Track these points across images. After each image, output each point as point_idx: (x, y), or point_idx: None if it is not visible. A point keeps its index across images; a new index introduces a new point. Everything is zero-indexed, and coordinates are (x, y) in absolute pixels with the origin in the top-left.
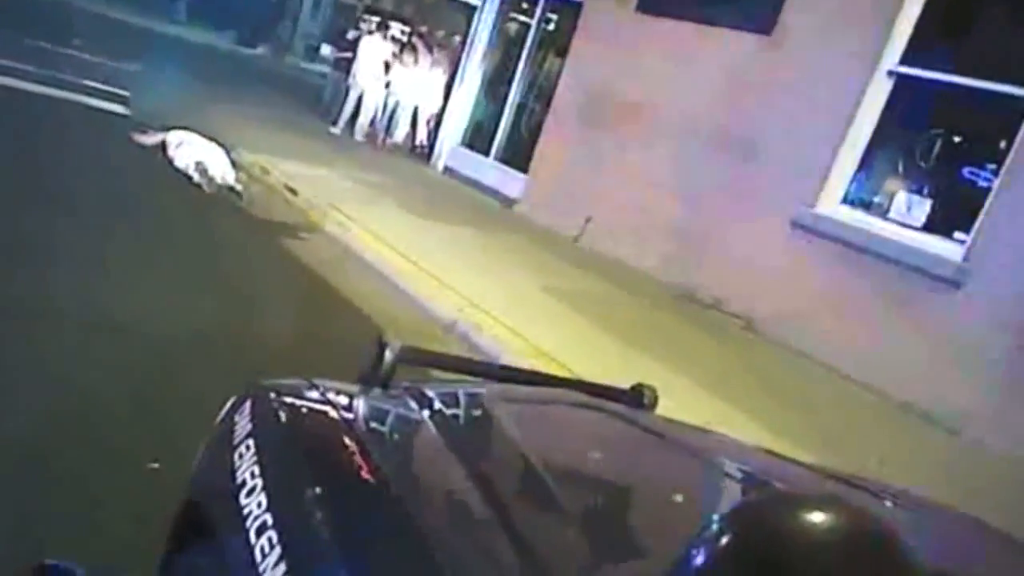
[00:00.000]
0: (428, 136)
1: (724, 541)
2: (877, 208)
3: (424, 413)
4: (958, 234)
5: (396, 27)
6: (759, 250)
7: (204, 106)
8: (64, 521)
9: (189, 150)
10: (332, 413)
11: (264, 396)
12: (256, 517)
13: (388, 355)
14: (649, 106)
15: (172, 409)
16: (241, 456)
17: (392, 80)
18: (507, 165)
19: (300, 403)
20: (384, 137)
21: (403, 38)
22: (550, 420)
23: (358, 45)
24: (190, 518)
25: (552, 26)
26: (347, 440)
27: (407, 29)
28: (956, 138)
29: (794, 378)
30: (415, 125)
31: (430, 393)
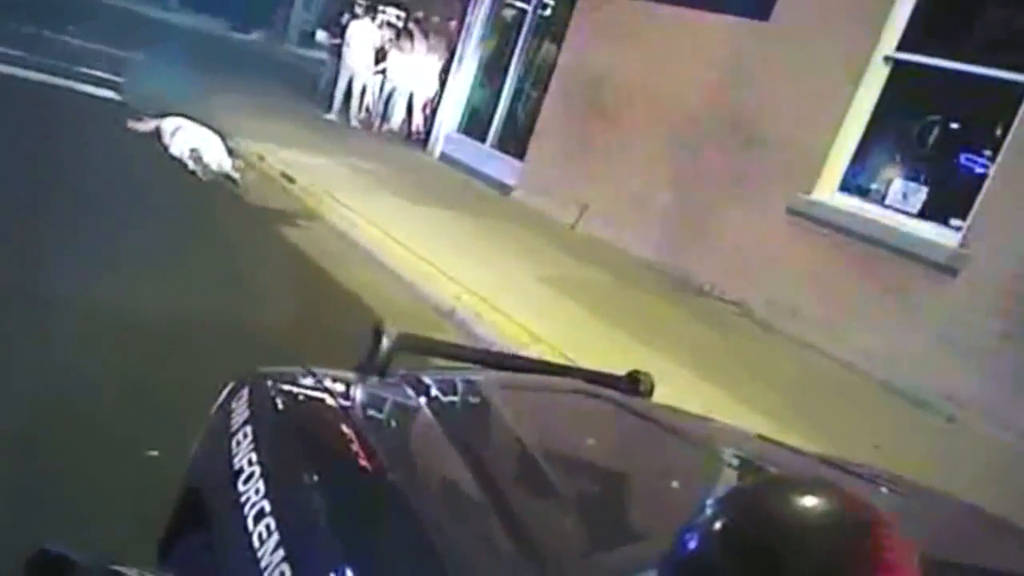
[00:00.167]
0: (424, 123)
1: (717, 525)
2: (874, 195)
3: (421, 400)
4: (954, 220)
5: (391, 12)
6: (756, 237)
7: (198, 92)
8: (62, 509)
9: (184, 137)
10: (329, 400)
11: (261, 383)
12: (254, 504)
13: (385, 342)
14: (646, 92)
15: (169, 397)
16: (239, 443)
17: (388, 66)
18: (503, 152)
19: (297, 390)
20: (380, 124)
21: (399, 24)
22: (547, 407)
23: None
24: (188, 505)
25: (548, 11)
26: (344, 427)
27: (403, 15)
28: (953, 124)
29: (789, 365)
30: (411, 111)
31: (427, 380)
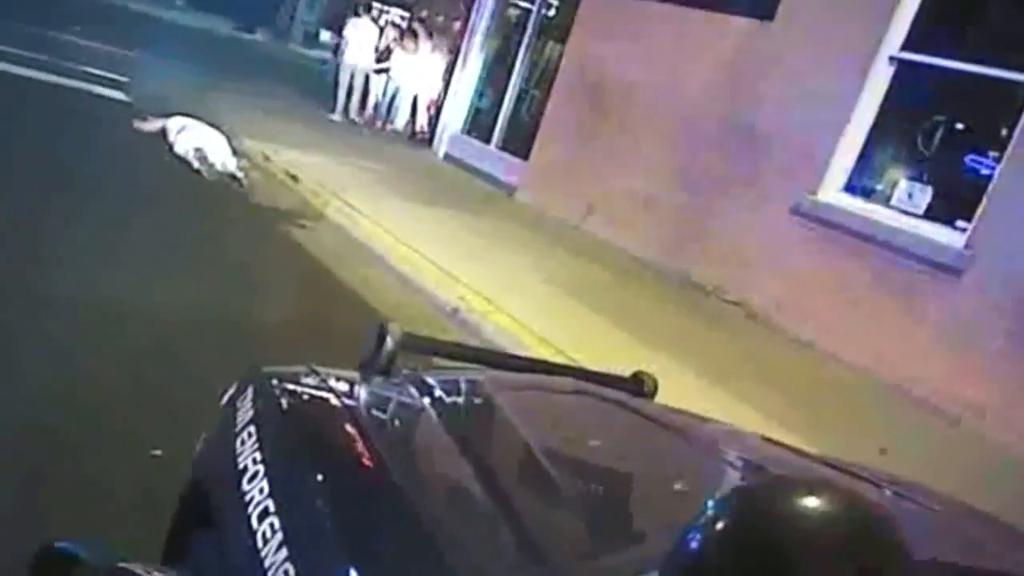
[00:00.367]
0: (429, 123)
1: (720, 525)
2: (878, 195)
3: (424, 400)
4: (960, 222)
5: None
6: (760, 238)
7: (203, 92)
8: (66, 508)
9: (189, 136)
10: (333, 400)
11: (266, 383)
12: (258, 503)
13: (389, 342)
14: (650, 92)
15: (174, 395)
16: (243, 442)
17: (392, 66)
18: (508, 152)
19: (301, 390)
20: (384, 124)
21: (403, 23)
22: (550, 407)
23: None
24: (193, 504)
25: (552, 11)
26: (348, 427)
27: (407, 14)
28: (958, 125)
29: (794, 366)
30: (415, 112)
31: (430, 380)
